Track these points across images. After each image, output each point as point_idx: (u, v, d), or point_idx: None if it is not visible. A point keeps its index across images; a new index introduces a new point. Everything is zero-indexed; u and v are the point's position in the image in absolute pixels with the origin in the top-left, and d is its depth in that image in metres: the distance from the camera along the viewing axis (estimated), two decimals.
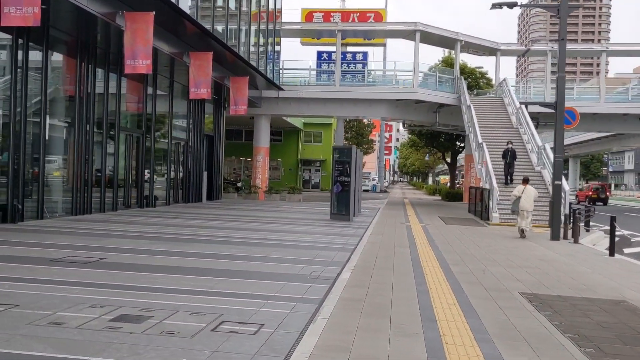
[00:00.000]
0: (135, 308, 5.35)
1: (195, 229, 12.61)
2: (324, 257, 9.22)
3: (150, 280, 6.69)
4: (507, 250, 11.19)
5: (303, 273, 7.62)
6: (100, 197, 15.88)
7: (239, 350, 4.25)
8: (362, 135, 52.43)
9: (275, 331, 4.79)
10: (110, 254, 8.49)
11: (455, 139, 38.43)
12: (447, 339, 4.77)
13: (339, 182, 17.04)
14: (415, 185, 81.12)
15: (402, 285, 7.12)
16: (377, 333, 4.88)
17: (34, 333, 4.44)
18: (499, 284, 7.48)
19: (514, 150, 19.96)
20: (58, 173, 14.50)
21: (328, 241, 11.40)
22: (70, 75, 14.58)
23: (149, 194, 18.89)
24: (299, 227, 14.28)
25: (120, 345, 4.23)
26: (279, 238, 11.59)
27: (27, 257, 7.98)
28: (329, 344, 4.51)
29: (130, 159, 17.80)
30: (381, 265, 8.68)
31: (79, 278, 6.67)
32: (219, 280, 6.89)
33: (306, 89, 28.87)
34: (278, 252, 9.57)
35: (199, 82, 17.42)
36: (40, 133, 13.24)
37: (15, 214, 12.25)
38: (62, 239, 9.96)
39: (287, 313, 5.42)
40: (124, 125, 17.20)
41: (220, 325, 4.91)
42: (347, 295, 6.34)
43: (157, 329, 4.71)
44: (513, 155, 19.79)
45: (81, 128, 14.72)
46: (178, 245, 9.84)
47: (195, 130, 22.70)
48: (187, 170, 22.27)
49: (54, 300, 5.51)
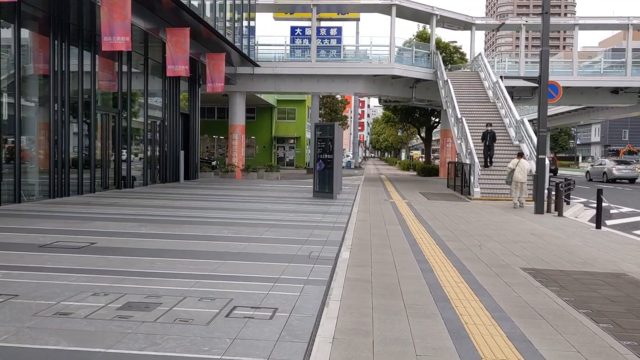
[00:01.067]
0: (141, 295, 5.17)
1: (180, 210, 12.35)
2: (318, 236, 9.12)
3: (148, 265, 6.50)
4: (496, 225, 11.25)
5: (302, 254, 7.51)
6: (78, 179, 15.43)
7: (259, 337, 4.12)
8: (335, 112, 52.20)
9: (290, 315, 4.67)
10: (100, 238, 8.23)
11: (430, 114, 38.56)
12: (465, 319, 4.73)
13: (322, 159, 16.91)
14: (388, 161, 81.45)
15: (404, 263, 7.06)
16: (394, 315, 4.80)
17: (42, 325, 4.23)
18: (498, 260, 7.49)
19: (494, 133, 19.84)
20: (34, 155, 14.00)
21: (317, 220, 11.29)
22: (43, 54, 14.01)
23: (126, 174, 18.47)
24: (284, 205, 14.13)
25: (136, 336, 4.07)
26: (267, 217, 11.44)
27: (14, 243, 7.67)
28: (348, 327, 4.42)
29: (107, 139, 17.32)
30: (377, 243, 8.62)
31: (74, 264, 6.43)
32: (220, 263, 6.72)
33: (282, 65, 28.47)
34: (270, 232, 9.43)
35: (176, 59, 16.97)
36: (15, 114, 12.73)
37: None
38: (46, 224, 9.63)
39: (297, 296, 5.31)
40: (99, 105, 16.68)
41: (233, 310, 4.77)
42: (352, 276, 6.26)
43: (170, 316, 4.55)
44: (492, 138, 19.72)
45: (56, 108, 14.21)
46: (167, 227, 9.61)
47: (170, 109, 22.21)
48: (163, 149, 21.82)
49: (54, 289, 5.28)
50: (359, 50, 32.60)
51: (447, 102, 25.58)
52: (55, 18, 14.04)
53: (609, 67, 33.04)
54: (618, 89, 31.93)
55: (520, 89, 30.74)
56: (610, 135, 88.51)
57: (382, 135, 77.58)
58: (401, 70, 28.38)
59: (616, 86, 31.62)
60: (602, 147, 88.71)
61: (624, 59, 31.49)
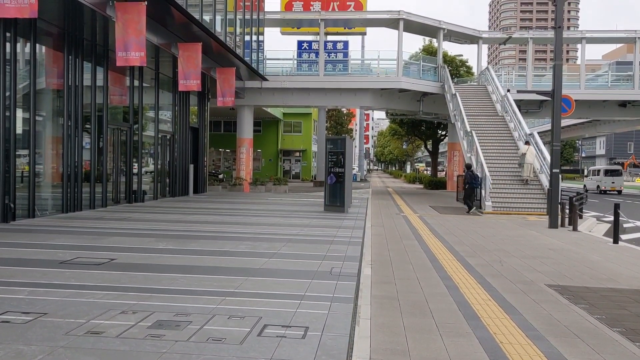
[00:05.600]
0: (170, 313, 5.14)
1: (194, 225, 12.33)
2: (336, 251, 9.07)
3: (171, 282, 6.46)
4: (513, 240, 11.20)
5: (323, 269, 7.46)
6: (90, 193, 15.45)
7: (295, 357, 4.08)
8: (341, 125, 52.33)
9: (323, 334, 4.62)
10: (119, 254, 8.21)
11: (437, 127, 38.59)
12: (500, 338, 4.68)
13: (333, 173, 16.88)
14: (393, 174, 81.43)
15: (428, 280, 7.02)
16: (427, 334, 4.76)
17: (75, 344, 4.20)
18: (521, 276, 7.44)
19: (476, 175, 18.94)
20: (47, 169, 14.02)
21: (333, 234, 11.25)
22: (57, 69, 14.08)
23: (137, 188, 18.48)
24: (297, 219, 14.09)
25: (172, 356, 4.03)
26: (282, 232, 11.40)
27: (35, 259, 7.66)
28: (383, 347, 4.38)
29: (118, 153, 17.36)
30: (397, 259, 8.58)
31: (98, 281, 6.40)
32: (243, 279, 6.68)
33: (290, 79, 28.56)
34: (287, 247, 9.39)
35: (187, 73, 17.03)
36: (29, 129, 12.78)
37: (7, 212, 11.82)
38: (63, 239, 9.62)
39: (326, 314, 5.26)
40: (111, 119, 16.73)
41: (264, 329, 4.73)
42: (378, 293, 6.21)
43: (202, 335, 4.51)
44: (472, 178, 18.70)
45: (69, 122, 14.26)
46: (184, 243, 9.59)
47: (180, 123, 22.27)
48: (173, 163, 21.86)
49: (81, 307, 5.25)
50: (365, 64, 32.75)
51: (456, 115, 25.60)
52: (69, 34, 14.13)
53: (615, 81, 33.04)
54: (626, 102, 31.91)
55: (527, 102, 30.74)
56: (616, 148, 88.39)
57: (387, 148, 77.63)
58: (408, 83, 28.44)
59: (624, 99, 31.61)
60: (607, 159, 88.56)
61: (631, 72, 31.50)
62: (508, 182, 19.68)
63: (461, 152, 33.26)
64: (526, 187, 19.34)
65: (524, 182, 19.44)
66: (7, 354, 3.94)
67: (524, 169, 19.41)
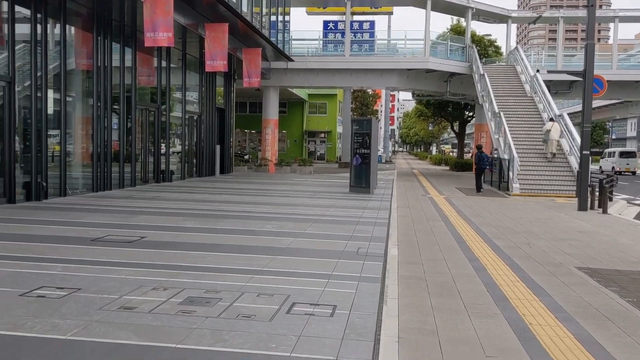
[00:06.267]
0: (200, 290, 5.22)
1: (221, 204, 12.45)
2: (362, 232, 9.08)
3: (200, 260, 6.56)
4: (541, 222, 11.07)
5: (350, 250, 7.48)
6: (119, 173, 15.68)
7: (324, 334, 4.11)
8: (366, 106, 52.02)
9: (351, 313, 4.65)
10: (149, 232, 8.35)
11: (463, 108, 38.12)
12: (529, 320, 4.65)
13: (359, 154, 16.84)
14: (418, 156, 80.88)
15: (455, 261, 7.00)
16: (455, 314, 4.76)
17: (109, 319, 4.30)
18: (550, 258, 7.36)
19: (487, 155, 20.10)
20: (77, 149, 14.26)
21: (358, 215, 11.25)
22: (87, 50, 14.24)
23: (165, 168, 18.70)
24: (322, 200, 14.12)
25: (202, 331, 4.10)
26: (307, 212, 11.45)
27: (67, 236, 7.83)
28: (411, 327, 4.39)
29: (146, 133, 17.56)
30: (423, 239, 8.56)
31: (128, 258, 6.53)
32: (270, 258, 6.75)
33: (315, 60, 28.41)
34: (313, 227, 9.43)
35: (214, 54, 17.05)
36: (60, 110, 12.98)
37: (40, 191, 12.08)
38: (94, 217, 9.81)
39: (353, 293, 5.29)
40: (139, 100, 16.90)
41: (293, 307, 4.77)
42: (405, 273, 6.22)
43: (232, 312, 4.58)
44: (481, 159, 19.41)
45: (99, 103, 14.45)
46: (211, 222, 9.70)
47: (207, 104, 22.39)
48: (200, 143, 22.04)
49: (113, 283, 5.37)
50: (392, 44, 32.38)
51: (484, 96, 25.24)
52: (98, 15, 14.25)
53: None
54: None
55: (557, 82, 30.11)
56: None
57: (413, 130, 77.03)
58: (435, 64, 28.08)
59: None
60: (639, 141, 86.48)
61: None
62: (536, 164, 19.40)
63: (488, 134, 32.83)
64: (555, 169, 19.04)
65: (548, 158, 19.57)
66: (43, 327, 4.06)
67: (548, 145, 19.57)
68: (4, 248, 6.89)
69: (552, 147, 19.53)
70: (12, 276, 5.52)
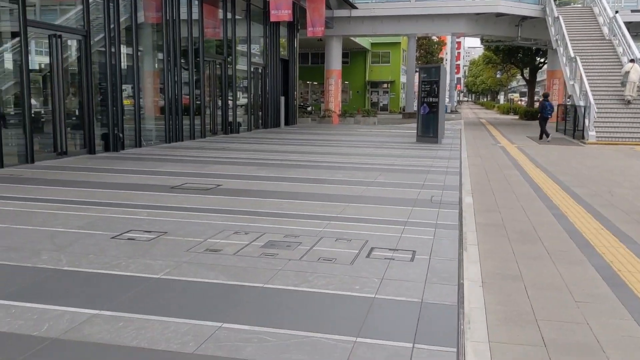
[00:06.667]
0: (279, 234, 5.33)
1: (290, 154, 12.57)
2: (434, 180, 8.98)
3: (276, 206, 6.68)
4: (621, 171, 10.59)
5: (423, 198, 7.43)
6: (190, 125, 16.06)
7: (406, 278, 4.14)
8: (431, 54, 50.57)
9: (431, 258, 4.65)
10: (224, 181, 8.56)
11: (535, 54, 36.44)
12: (616, 266, 4.50)
13: (426, 103, 16.51)
14: (484, 105, 78.45)
15: (534, 209, 6.82)
16: (538, 260, 4.67)
17: (197, 260, 4.48)
18: (635, 206, 7.06)
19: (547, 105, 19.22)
20: (150, 102, 14.67)
21: (428, 164, 11.11)
22: (155, 2, 14.42)
23: (232, 120, 18.99)
24: (390, 150, 14.01)
25: (286, 272, 4.21)
26: (376, 162, 11.40)
27: (148, 184, 8.14)
28: (494, 272, 4.34)
29: (214, 86, 17.81)
30: (498, 188, 8.37)
31: (208, 204, 6.73)
32: (345, 205, 6.79)
33: (380, 6, 27.70)
34: (383, 176, 9.39)
35: (279, 3, 16.92)
36: (133, 64, 13.30)
37: (117, 142, 12.56)
38: (170, 166, 10.14)
39: (431, 239, 5.27)
40: (207, 52, 17.07)
41: (372, 252, 4.81)
42: (482, 221, 6.12)
43: (313, 255, 4.67)
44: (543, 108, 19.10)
45: (169, 56, 14.70)
46: (282, 171, 9.82)
47: (271, 55, 22.38)
48: (265, 95, 22.17)
49: (197, 227, 5.57)
50: None
51: (558, 40, 23.99)
52: None
53: None
54: None
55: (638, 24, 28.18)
56: None
57: (480, 78, 74.47)
58: (506, 7, 26.78)
59: None
60: None
61: None
62: (614, 110, 18.44)
63: (561, 80, 31.35)
64: (635, 115, 18.04)
65: (626, 102, 18.86)
66: (136, 267, 4.28)
67: (627, 87, 18.86)
68: (92, 195, 7.25)
69: (631, 90, 18.68)
70: (102, 220, 5.81)
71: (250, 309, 3.48)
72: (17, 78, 10.18)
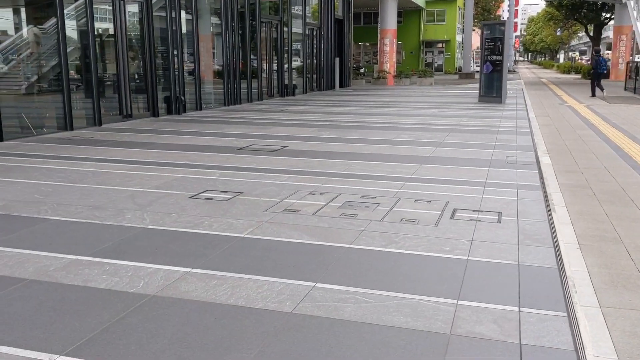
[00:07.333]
0: (355, 195, 5.22)
1: (349, 116, 12.38)
2: (505, 141, 8.64)
3: (346, 167, 6.56)
4: None
5: (497, 158, 7.15)
6: (247, 88, 16.03)
7: (496, 239, 3.96)
8: (488, 11, 48.73)
9: (519, 220, 4.44)
10: (288, 142, 8.49)
11: (600, 10, 34.52)
12: None
13: (490, 61, 15.91)
14: (543, 64, 75.29)
15: (618, 170, 6.46)
16: (635, 222, 4.39)
17: (278, 220, 4.42)
18: None
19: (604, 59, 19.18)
20: (208, 66, 14.67)
21: (496, 124, 10.72)
22: None
23: (288, 82, 18.85)
24: (452, 111, 13.61)
25: (371, 233, 4.10)
26: (440, 122, 11.08)
27: (216, 146, 8.15)
28: (590, 234, 4.11)
29: (270, 48, 17.64)
30: (575, 148, 7.99)
31: (277, 165, 6.67)
32: (417, 166, 6.61)
33: None
34: (451, 137, 9.11)
35: None
36: (192, 29, 13.26)
37: (179, 105, 12.65)
38: (233, 129, 10.14)
39: (515, 200, 5.04)
40: (263, 13, 16.87)
41: (455, 213, 4.64)
42: (565, 182, 5.83)
43: (394, 216, 4.54)
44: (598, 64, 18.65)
45: (227, 20, 14.58)
46: (345, 132, 9.67)
47: (325, 15, 21.96)
48: (320, 57, 21.87)
49: (271, 187, 5.51)
50: None
51: None
52: None
53: None
54: None
55: None
56: None
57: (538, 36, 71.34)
58: None
59: None
60: None
61: None
62: None
63: (629, 37, 29.70)
64: None
65: None
66: (220, 226, 4.26)
67: None
68: (163, 156, 7.31)
69: None
70: (177, 180, 5.84)
71: (340, 269, 3.40)
72: (84, 43, 10.31)
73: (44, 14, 9.98)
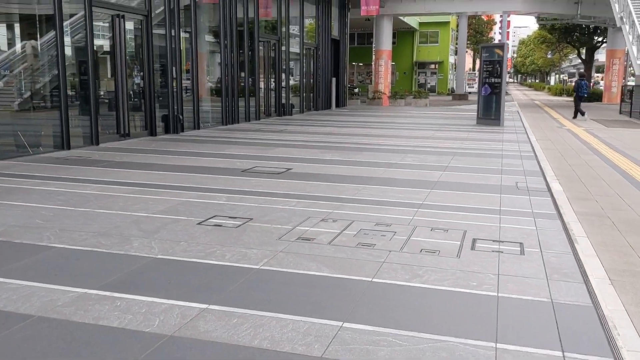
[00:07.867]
0: (369, 222, 5.05)
1: (350, 137, 12.26)
2: (511, 165, 8.54)
3: (356, 192, 6.39)
4: None
5: (507, 184, 7.02)
6: (245, 107, 15.90)
7: (523, 273, 3.80)
8: (481, 34, 49.19)
9: (542, 251, 4.29)
10: (292, 164, 8.32)
11: (592, 33, 34.91)
12: None
13: (488, 83, 15.91)
14: (533, 86, 75.97)
15: (632, 197, 6.35)
16: None
17: (293, 249, 4.23)
18: None
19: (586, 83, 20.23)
20: (206, 85, 14.54)
21: (498, 148, 10.64)
22: None
23: (285, 102, 18.76)
24: (452, 133, 13.54)
25: (392, 265, 3.92)
26: (443, 145, 10.99)
27: (218, 167, 7.97)
28: (619, 268, 3.96)
29: (268, 67, 17.56)
30: (584, 174, 7.89)
31: (284, 189, 6.50)
32: (427, 191, 6.46)
33: None
34: (456, 160, 8.99)
35: None
36: (191, 47, 13.15)
37: (177, 124, 12.48)
38: (234, 149, 9.96)
39: (534, 230, 4.90)
40: (262, 33, 16.82)
41: (475, 243, 4.48)
42: (580, 210, 5.70)
43: (413, 247, 4.36)
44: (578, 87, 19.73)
45: (226, 40, 14.49)
46: (348, 154, 9.53)
47: (322, 35, 21.99)
48: (317, 77, 21.84)
49: (281, 214, 5.33)
50: None
51: (623, 17, 22.76)
52: None
53: None
54: None
55: None
56: None
57: (529, 58, 72.08)
58: None
59: None
60: None
61: None
62: None
63: (622, 61, 29.97)
64: None
65: None
66: (233, 256, 4.06)
67: None
68: (165, 178, 7.11)
69: None
70: (183, 205, 5.64)
71: (367, 306, 3.21)
72: (81, 59, 10.14)
73: (44, 29, 9.82)
